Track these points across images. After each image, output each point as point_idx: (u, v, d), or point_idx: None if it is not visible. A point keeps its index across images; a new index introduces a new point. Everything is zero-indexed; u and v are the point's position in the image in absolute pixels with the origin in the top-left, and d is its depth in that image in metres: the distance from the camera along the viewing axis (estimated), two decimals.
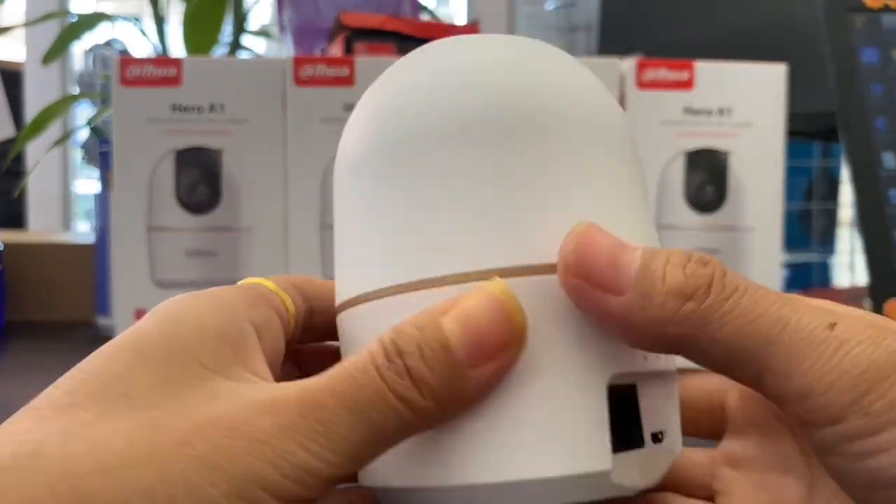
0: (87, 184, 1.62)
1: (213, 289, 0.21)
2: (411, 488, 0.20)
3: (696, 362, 0.19)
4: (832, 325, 0.18)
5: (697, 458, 0.25)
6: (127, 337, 0.19)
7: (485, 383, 0.19)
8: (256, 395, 0.18)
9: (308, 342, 0.25)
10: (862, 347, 0.17)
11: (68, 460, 0.15)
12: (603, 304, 0.18)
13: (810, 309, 0.18)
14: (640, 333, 0.19)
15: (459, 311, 0.19)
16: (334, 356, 0.24)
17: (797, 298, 0.18)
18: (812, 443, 0.19)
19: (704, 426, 0.25)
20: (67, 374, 0.18)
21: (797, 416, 0.18)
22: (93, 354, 0.19)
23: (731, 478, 0.24)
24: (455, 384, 0.18)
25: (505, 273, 0.19)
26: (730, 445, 0.25)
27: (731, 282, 0.18)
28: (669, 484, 0.25)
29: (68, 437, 0.16)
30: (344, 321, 0.22)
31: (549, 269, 0.19)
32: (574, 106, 0.21)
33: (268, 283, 0.23)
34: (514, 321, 0.19)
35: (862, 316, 0.19)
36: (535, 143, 0.20)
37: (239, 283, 0.23)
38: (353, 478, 0.23)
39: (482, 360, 0.18)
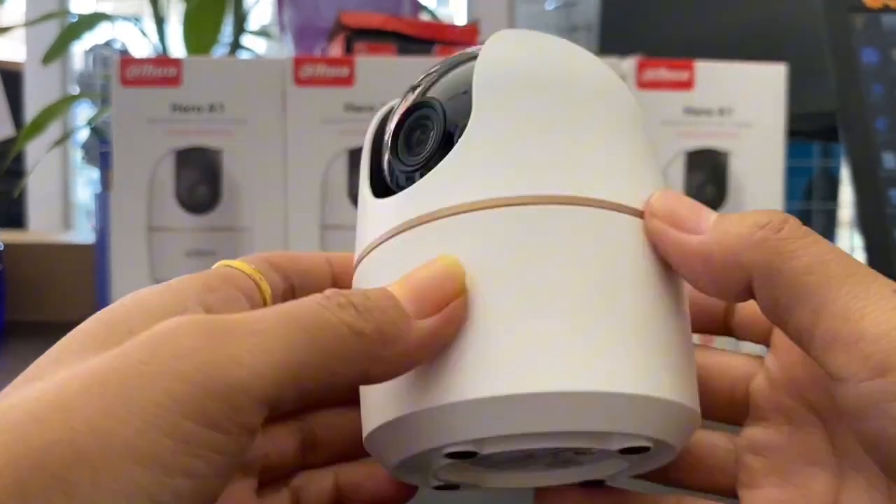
0: (87, 184, 1.62)
1: (176, 279, 0.22)
2: (399, 416, 0.21)
3: (760, 300, 0.20)
4: (895, 290, 0.18)
5: (720, 442, 0.25)
6: (78, 328, 0.20)
7: (430, 339, 0.20)
8: (180, 321, 0.18)
9: None
10: None
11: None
12: (684, 242, 0.20)
13: (876, 274, 0.19)
14: (715, 265, 0.20)
15: (402, 277, 0.20)
16: None
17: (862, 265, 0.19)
18: (850, 402, 0.18)
19: (724, 411, 0.25)
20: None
21: (844, 366, 0.18)
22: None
23: (755, 466, 0.24)
24: (400, 325, 0.19)
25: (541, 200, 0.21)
26: (753, 433, 0.24)
27: (807, 230, 0.19)
28: (690, 464, 0.25)
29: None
30: (359, 267, 0.23)
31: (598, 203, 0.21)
32: (619, 88, 0.24)
33: (239, 265, 0.23)
34: (454, 275, 0.20)
35: None
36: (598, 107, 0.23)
37: (215, 265, 0.23)
38: (294, 411, 0.25)
39: (427, 311, 0.20)
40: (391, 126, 0.24)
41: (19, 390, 0.17)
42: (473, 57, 0.23)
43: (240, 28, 0.99)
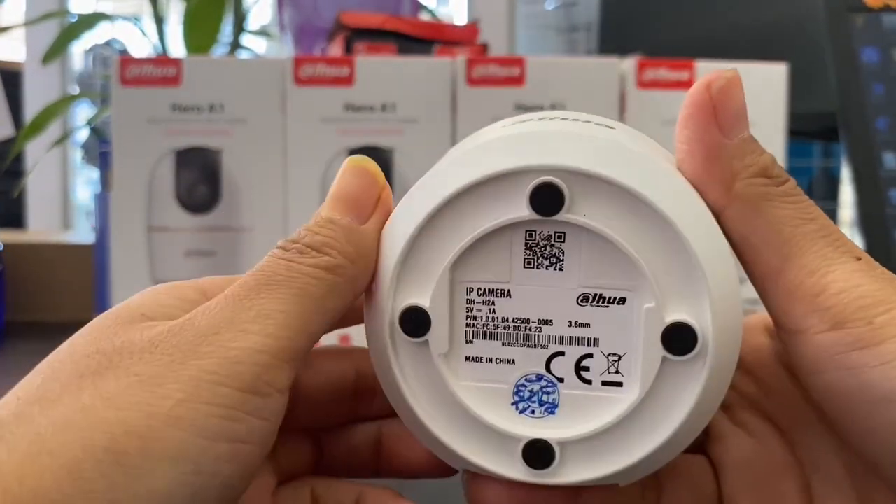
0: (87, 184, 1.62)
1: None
2: None
3: (735, 233, 0.20)
4: (858, 259, 0.19)
5: (696, 462, 0.24)
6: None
7: (380, 230, 0.21)
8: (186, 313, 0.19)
9: None
10: (880, 272, 0.19)
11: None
12: (711, 132, 0.20)
13: (850, 243, 0.20)
14: (715, 171, 0.20)
15: (331, 193, 0.21)
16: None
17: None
18: (807, 354, 0.19)
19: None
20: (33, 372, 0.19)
21: (802, 317, 0.19)
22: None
23: (738, 483, 0.23)
24: (352, 238, 0.21)
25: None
26: (721, 450, 0.24)
27: (803, 194, 0.20)
28: (676, 475, 0.24)
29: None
30: None
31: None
32: None
33: None
34: (375, 174, 0.22)
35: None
36: None
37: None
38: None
39: (364, 216, 0.21)
40: None
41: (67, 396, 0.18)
42: None
43: (239, 28, 0.99)
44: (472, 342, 0.21)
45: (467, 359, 0.21)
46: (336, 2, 0.77)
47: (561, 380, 0.21)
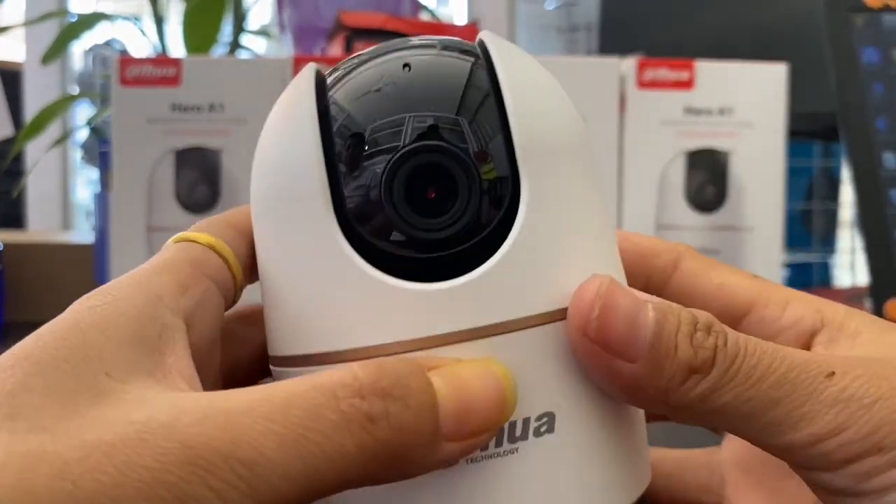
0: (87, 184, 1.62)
1: (138, 273, 0.18)
2: None
3: (696, 424, 0.19)
4: (830, 375, 0.18)
5: (702, 460, 0.25)
6: (24, 344, 0.16)
7: (441, 464, 0.16)
8: (168, 415, 0.14)
9: (255, 281, 0.21)
10: (864, 389, 0.17)
11: None
12: (615, 368, 0.18)
13: (807, 360, 0.18)
14: (645, 398, 0.18)
15: (452, 372, 0.16)
16: None
17: (791, 351, 0.18)
18: (825, 488, 0.18)
19: None
20: None
21: (808, 463, 0.18)
22: None
23: (742, 482, 0.23)
24: (426, 450, 0.16)
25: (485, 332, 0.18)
26: (735, 447, 0.24)
27: (733, 347, 0.18)
28: (678, 486, 0.24)
29: None
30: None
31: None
32: None
33: (201, 238, 0.20)
34: (508, 404, 0.17)
35: (860, 357, 0.19)
36: None
37: (171, 240, 0.20)
38: None
39: (462, 436, 0.16)
40: (376, 152, 0.18)
41: None
42: (478, 70, 0.19)
43: (239, 28, 0.99)
44: None
45: None
46: (336, 2, 0.77)
47: None
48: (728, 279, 0.22)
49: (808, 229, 0.85)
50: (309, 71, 0.20)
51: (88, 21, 1.01)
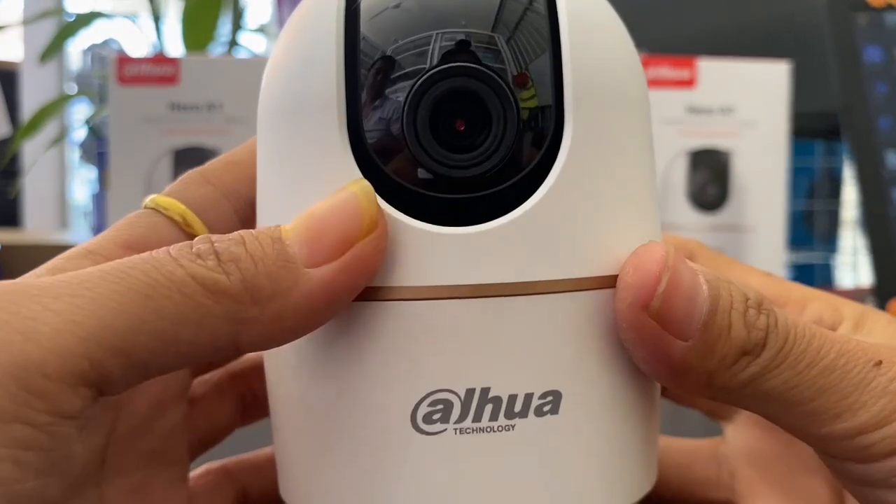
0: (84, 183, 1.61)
1: (93, 239, 0.18)
2: None
3: (732, 405, 0.18)
4: (878, 364, 0.17)
5: (710, 453, 0.24)
6: None
7: (327, 287, 0.15)
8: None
9: None
10: None
11: None
12: (665, 347, 0.16)
13: (854, 348, 0.17)
14: (689, 380, 0.17)
15: (306, 212, 0.16)
16: None
17: (840, 337, 0.17)
18: (858, 480, 0.17)
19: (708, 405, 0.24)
20: None
21: (844, 454, 0.17)
22: None
23: (754, 477, 0.23)
24: (281, 277, 0.15)
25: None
26: (744, 440, 0.23)
27: (784, 329, 0.17)
28: (684, 480, 0.24)
29: None
30: None
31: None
32: None
33: (169, 204, 0.19)
34: (365, 214, 0.15)
35: None
36: None
37: (145, 202, 0.20)
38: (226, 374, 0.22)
39: (322, 258, 0.15)
40: (400, 79, 0.16)
41: None
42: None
43: (237, 26, 0.99)
44: None
45: None
46: None
47: None
48: (743, 276, 0.21)
49: (810, 229, 0.84)
50: None
51: (86, 20, 1.00)
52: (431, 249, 0.15)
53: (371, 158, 0.16)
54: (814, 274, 0.84)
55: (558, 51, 0.16)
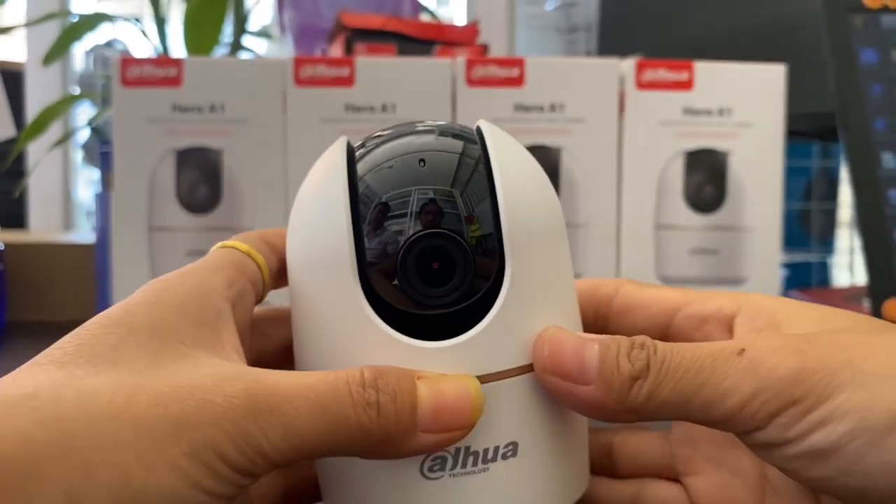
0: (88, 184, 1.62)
1: (197, 267, 0.24)
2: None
3: (654, 420, 0.23)
4: (741, 352, 0.22)
5: (656, 442, 0.29)
6: (117, 312, 0.21)
7: (421, 449, 0.22)
8: (232, 374, 0.20)
9: (278, 287, 0.28)
10: (768, 357, 0.21)
11: (59, 404, 0.17)
12: (576, 392, 0.23)
13: (721, 346, 0.22)
14: (606, 411, 0.23)
15: (434, 381, 0.22)
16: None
17: (708, 344, 0.23)
18: (760, 445, 0.22)
19: None
20: (65, 338, 0.20)
21: (743, 427, 0.22)
22: (86, 324, 0.21)
23: (689, 456, 0.28)
24: (406, 436, 0.21)
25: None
26: (680, 427, 0.29)
27: (661, 354, 0.22)
28: (636, 467, 0.29)
29: (62, 386, 0.18)
30: None
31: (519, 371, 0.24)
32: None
33: (241, 247, 0.26)
34: (475, 411, 0.22)
35: (767, 333, 0.24)
36: None
37: (216, 246, 0.26)
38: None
39: (436, 430, 0.22)
40: (395, 234, 0.23)
41: (67, 373, 0.19)
42: (477, 166, 0.24)
43: (240, 28, 0.99)
44: None
45: None
46: (336, 2, 0.77)
47: None
48: (660, 291, 0.28)
49: (806, 229, 0.85)
50: (341, 144, 0.26)
51: (90, 22, 1.01)
52: (425, 356, 0.23)
53: (376, 295, 0.23)
54: (810, 274, 0.84)
55: (495, 198, 0.23)
